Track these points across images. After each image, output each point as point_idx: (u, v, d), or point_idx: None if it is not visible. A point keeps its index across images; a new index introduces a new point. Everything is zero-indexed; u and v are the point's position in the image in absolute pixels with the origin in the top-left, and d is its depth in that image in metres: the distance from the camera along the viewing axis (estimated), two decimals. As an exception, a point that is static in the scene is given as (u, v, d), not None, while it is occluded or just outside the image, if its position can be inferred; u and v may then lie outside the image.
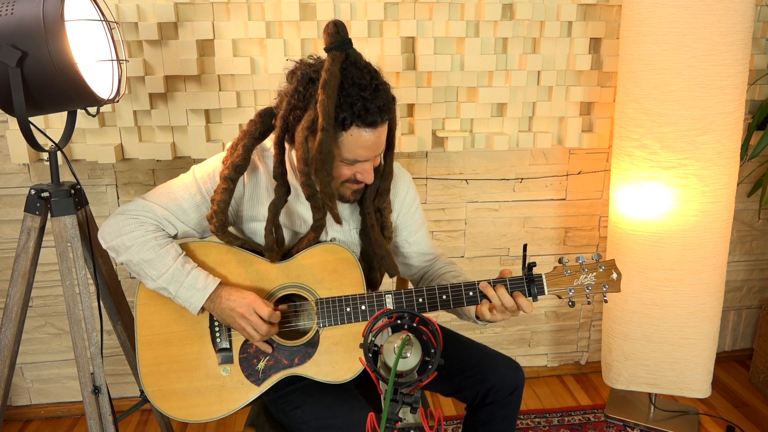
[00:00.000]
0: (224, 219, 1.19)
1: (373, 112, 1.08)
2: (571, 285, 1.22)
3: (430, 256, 1.43)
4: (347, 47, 1.09)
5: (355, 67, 1.09)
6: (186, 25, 1.69)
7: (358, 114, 1.07)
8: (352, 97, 1.07)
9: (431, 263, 1.43)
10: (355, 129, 1.09)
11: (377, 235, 1.27)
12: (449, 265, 1.41)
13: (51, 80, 1.11)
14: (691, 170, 1.69)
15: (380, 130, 1.12)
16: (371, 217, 1.26)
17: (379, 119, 1.09)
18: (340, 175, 1.17)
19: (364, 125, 1.09)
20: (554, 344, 2.30)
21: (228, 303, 1.17)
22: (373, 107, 1.08)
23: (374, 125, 1.10)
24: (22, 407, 2.07)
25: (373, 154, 1.15)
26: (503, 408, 1.31)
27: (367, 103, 1.07)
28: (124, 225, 1.18)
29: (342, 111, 1.07)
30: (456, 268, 1.40)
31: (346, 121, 1.08)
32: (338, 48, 1.08)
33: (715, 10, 1.57)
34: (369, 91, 1.08)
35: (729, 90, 1.64)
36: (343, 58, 1.08)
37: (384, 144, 1.17)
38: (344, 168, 1.16)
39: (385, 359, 0.81)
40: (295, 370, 1.22)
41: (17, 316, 1.33)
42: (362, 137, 1.10)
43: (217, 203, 1.18)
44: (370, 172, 1.17)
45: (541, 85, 1.90)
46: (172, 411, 1.21)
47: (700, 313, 1.81)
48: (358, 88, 1.07)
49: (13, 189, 1.86)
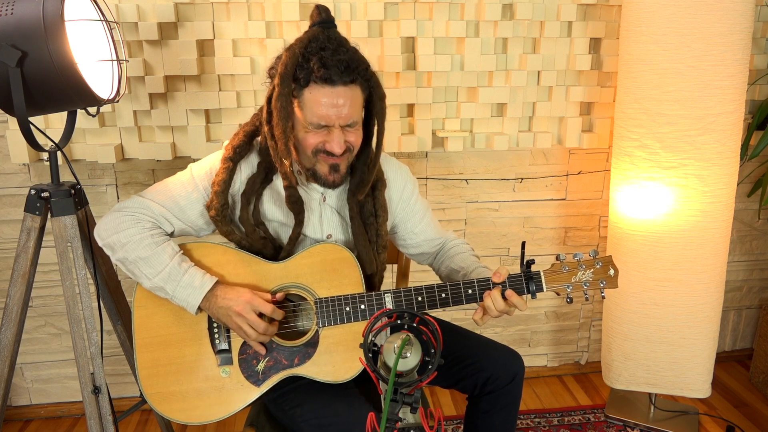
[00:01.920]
0: (224, 200, 1.19)
1: (330, 68, 1.07)
2: (569, 282, 1.22)
3: (439, 240, 1.44)
4: (327, 26, 1.12)
5: (327, 37, 1.10)
6: (186, 25, 1.69)
7: (313, 69, 1.08)
8: (312, 55, 1.08)
9: (441, 246, 1.44)
10: (313, 86, 1.10)
11: (358, 228, 1.26)
12: (459, 245, 1.42)
13: (51, 80, 1.10)
14: (691, 170, 1.69)
15: (341, 90, 1.10)
16: (352, 210, 1.26)
17: (337, 78, 1.08)
18: (308, 142, 1.16)
19: (321, 81, 1.08)
20: (554, 344, 2.30)
21: (224, 302, 1.16)
22: (330, 64, 1.07)
23: (332, 83, 1.09)
24: (22, 407, 2.07)
25: (334, 116, 1.11)
26: (503, 396, 1.31)
27: (325, 60, 1.07)
28: (120, 222, 1.18)
29: (301, 69, 1.09)
30: (466, 248, 1.41)
31: (303, 78, 1.09)
32: (317, 25, 1.12)
33: (715, 10, 1.57)
34: (329, 51, 1.08)
35: (729, 90, 1.64)
36: (318, 31, 1.11)
37: (351, 111, 1.12)
38: (311, 135, 1.15)
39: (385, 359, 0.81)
40: (295, 370, 1.22)
41: (17, 316, 1.33)
42: (320, 95, 1.10)
43: (218, 183, 1.19)
44: (336, 142, 1.13)
45: (541, 85, 1.90)
46: (171, 413, 1.20)
47: (700, 313, 1.81)
48: (321, 48, 1.08)
49: (13, 189, 1.86)
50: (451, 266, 1.36)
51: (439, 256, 1.43)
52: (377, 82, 1.18)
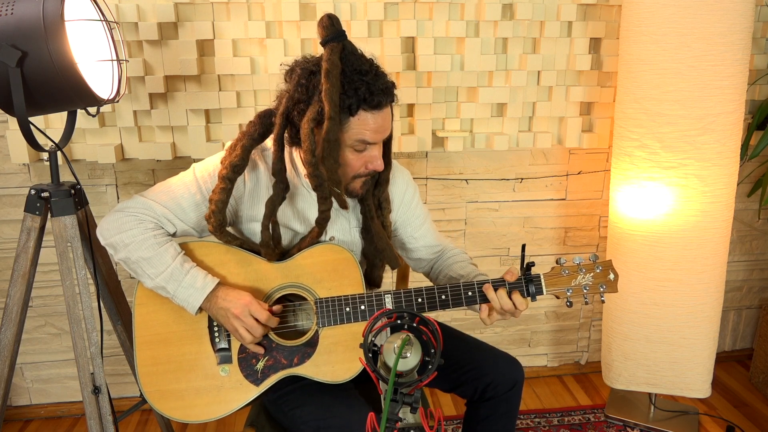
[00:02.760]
0: (222, 219, 1.19)
1: (378, 94, 1.11)
2: (568, 285, 1.22)
3: (438, 247, 1.44)
4: (343, 38, 1.12)
5: (354, 55, 1.12)
6: (186, 25, 1.69)
7: (363, 98, 1.10)
8: (355, 83, 1.09)
9: (440, 254, 1.44)
10: (362, 113, 1.12)
11: (378, 227, 1.28)
12: (458, 254, 1.42)
13: (51, 80, 1.10)
14: (691, 170, 1.69)
15: (385, 111, 1.15)
16: (371, 209, 1.27)
17: (383, 101, 1.12)
18: (350, 165, 1.17)
19: (370, 108, 1.11)
20: (554, 344, 2.30)
21: (223, 303, 1.17)
22: (376, 90, 1.10)
23: (379, 107, 1.12)
24: (22, 407, 2.07)
25: (381, 137, 1.17)
26: (503, 404, 1.31)
27: (371, 87, 1.10)
28: (123, 222, 1.18)
29: (348, 97, 1.10)
30: (465, 257, 1.41)
31: (353, 107, 1.10)
32: (334, 39, 1.11)
33: (715, 10, 1.57)
34: (371, 76, 1.11)
35: (729, 90, 1.64)
36: (340, 48, 1.11)
37: (390, 127, 1.19)
38: (353, 157, 1.16)
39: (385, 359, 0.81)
40: (294, 370, 1.22)
41: (17, 316, 1.33)
42: (369, 120, 1.12)
43: (215, 203, 1.18)
44: (378, 159, 1.18)
45: (541, 85, 1.90)
46: (170, 411, 1.20)
47: (700, 313, 1.81)
48: (360, 73, 1.10)
49: (13, 189, 1.86)
50: (450, 274, 1.36)
51: (437, 265, 1.43)
52: None
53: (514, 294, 1.19)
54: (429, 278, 1.46)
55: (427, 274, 1.47)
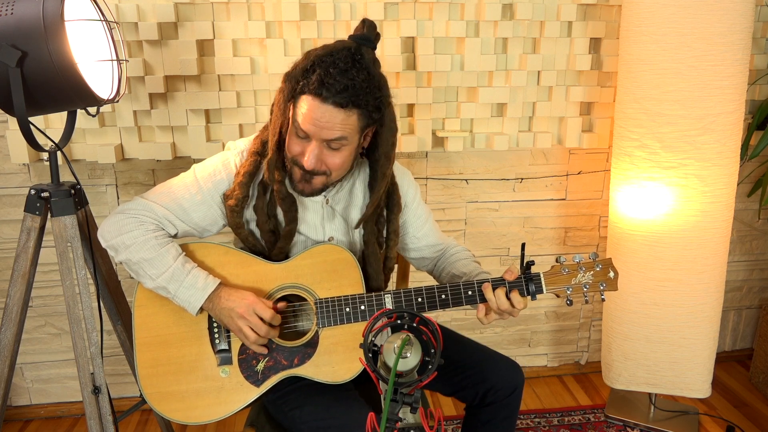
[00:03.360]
0: (246, 192, 1.20)
1: (327, 87, 1.07)
2: (568, 284, 1.22)
3: (440, 246, 1.44)
4: (363, 42, 1.11)
5: (351, 55, 1.09)
6: (186, 25, 1.69)
7: (312, 83, 1.08)
8: (318, 67, 1.08)
9: (442, 252, 1.44)
10: (305, 96, 1.10)
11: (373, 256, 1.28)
12: (461, 252, 1.42)
13: (51, 80, 1.10)
14: (691, 170, 1.69)
15: (329, 109, 1.08)
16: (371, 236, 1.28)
17: (329, 96, 1.07)
18: (289, 146, 1.17)
19: (312, 95, 1.08)
20: (554, 344, 2.30)
21: (227, 303, 1.17)
22: (329, 82, 1.07)
23: (323, 100, 1.08)
24: (22, 407, 2.07)
25: (314, 131, 1.11)
26: (503, 408, 1.31)
27: (325, 79, 1.07)
28: (124, 224, 1.18)
29: (304, 76, 1.09)
30: (468, 255, 1.41)
31: (303, 87, 1.10)
32: (356, 39, 1.11)
33: (715, 10, 1.57)
34: (337, 70, 1.07)
35: (729, 90, 1.64)
36: (349, 44, 1.11)
37: (333, 131, 1.10)
38: (293, 140, 1.15)
39: (385, 359, 0.81)
40: (294, 370, 1.22)
41: (17, 316, 1.33)
42: (306, 106, 1.10)
43: (243, 175, 1.19)
44: (308, 155, 1.13)
45: (541, 85, 1.90)
46: (170, 413, 1.20)
47: (700, 313, 1.81)
48: (332, 65, 1.08)
49: (13, 189, 1.86)
50: (453, 272, 1.35)
51: (440, 263, 1.43)
52: (390, 115, 1.17)
53: (512, 293, 1.18)
54: (433, 276, 1.46)
55: (431, 272, 1.47)
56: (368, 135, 1.20)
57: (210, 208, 1.23)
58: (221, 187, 1.23)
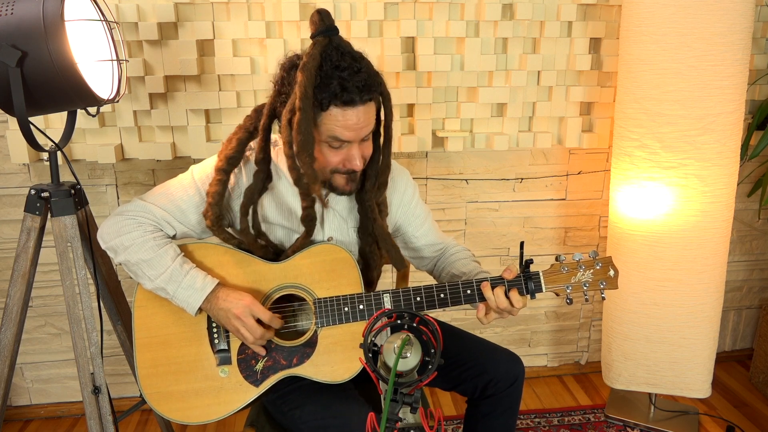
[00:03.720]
0: (219, 212, 1.19)
1: (351, 91, 1.07)
2: (568, 282, 1.21)
3: (440, 245, 1.43)
4: (331, 33, 1.10)
5: (337, 51, 1.09)
6: (186, 25, 1.69)
7: (335, 93, 1.07)
8: (329, 78, 1.07)
9: (442, 252, 1.43)
10: (333, 108, 1.09)
11: (379, 229, 1.26)
12: (461, 251, 1.41)
13: (51, 80, 1.10)
14: (691, 170, 1.69)
15: (360, 109, 1.10)
16: (374, 211, 1.25)
17: (357, 98, 1.08)
18: (327, 161, 1.16)
19: (342, 104, 1.08)
20: (554, 344, 2.29)
21: (224, 304, 1.17)
22: (351, 86, 1.07)
23: (352, 104, 1.08)
24: (22, 407, 2.07)
25: (355, 135, 1.12)
26: (503, 400, 1.31)
27: (345, 83, 1.07)
28: (122, 225, 1.18)
29: (320, 91, 1.08)
30: (467, 254, 1.40)
31: (324, 102, 1.08)
32: (321, 34, 1.10)
33: (714, 10, 1.57)
34: (348, 72, 1.07)
35: (729, 90, 1.64)
36: (325, 42, 1.09)
37: (368, 126, 1.14)
38: (330, 153, 1.15)
39: (385, 359, 0.81)
40: (293, 370, 1.22)
41: (17, 316, 1.33)
42: (341, 117, 1.09)
43: (212, 195, 1.18)
44: (356, 158, 1.14)
45: (541, 85, 1.90)
46: (170, 413, 1.20)
47: (700, 313, 1.81)
48: (338, 69, 1.07)
49: (13, 189, 1.86)
50: (452, 272, 1.35)
51: (440, 263, 1.42)
52: (385, 86, 1.17)
53: (511, 292, 1.18)
54: (433, 276, 1.46)
55: (431, 272, 1.46)
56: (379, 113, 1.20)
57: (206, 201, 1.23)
58: None
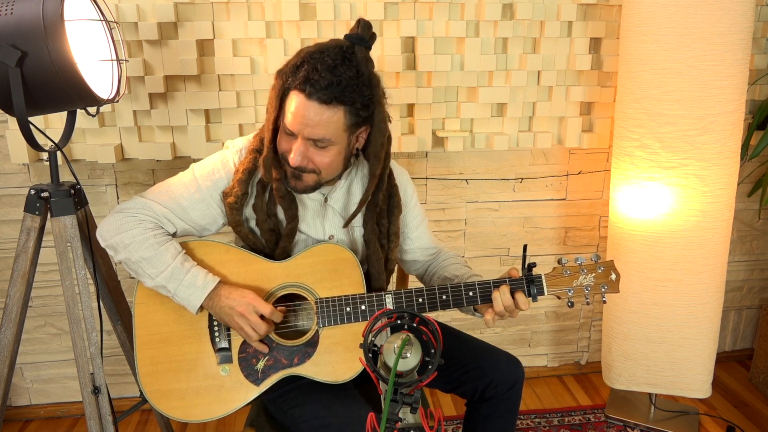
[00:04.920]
0: (245, 189, 1.20)
1: (312, 84, 1.07)
2: (570, 286, 1.22)
3: (433, 250, 1.43)
4: (356, 42, 1.11)
5: (341, 53, 1.09)
6: (186, 24, 1.68)
7: (299, 77, 1.08)
8: (307, 64, 1.08)
9: (434, 257, 1.43)
10: (292, 93, 1.10)
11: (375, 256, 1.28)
12: (453, 257, 1.42)
13: (51, 80, 1.10)
14: (691, 170, 1.69)
15: (313, 105, 1.08)
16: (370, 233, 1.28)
17: (313, 93, 1.07)
18: (280, 143, 1.17)
19: (298, 90, 1.09)
20: (554, 344, 2.29)
21: (227, 301, 1.17)
22: (315, 79, 1.06)
23: (308, 96, 1.08)
24: (21, 407, 2.07)
25: (298, 128, 1.11)
26: (503, 403, 1.31)
27: (313, 74, 1.07)
28: (122, 223, 1.18)
29: (293, 72, 1.10)
30: (460, 260, 1.40)
31: (291, 83, 1.10)
32: (349, 38, 1.12)
33: (715, 10, 1.57)
34: (324, 68, 1.07)
35: (729, 90, 1.64)
36: (343, 44, 1.11)
37: (319, 130, 1.10)
38: (282, 137, 1.16)
39: (385, 359, 0.81)
40: (294, 369, 1.22)
41: (17, 316, 1.33)
42: (294, 102, 1.10)
43: (243, 172, 1.20)
44: (294, 153, 1.13)
45: (541, 85, 1.90)
46: (170, 411, 1.20)
47: (701, 313, 1.81)
48: (320, 62, 1.08)
49: (13, 189, 1.86)
50: (445, 275, 1.35)
51: (432, 267, 1.42)
52: (380, 114, 1.15)
53: (517, 293, 1.19)
54: (422, 281, 1.45)
55: (421, 278, 1.46)
56: (362, 135, 1.19)
57: (209, 206, 1.23)
58: (220, 186, 1.23)
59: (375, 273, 1.30)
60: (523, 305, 1.18)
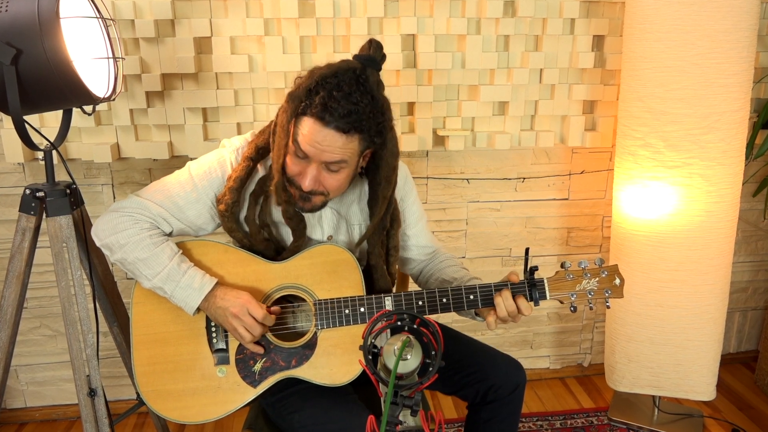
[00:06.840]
0: (237, 198, 1.19)
1: (329, 111, 1.06)
2: (573, 290, 1.21)
3: (430, 249, 1.42)
4: (367, 63, 1.11)
5: (356, 78, 1.08)
6: (183, 22, 1.67)
7: (315, 105, 1.07)
8: (322, 89, 1.07)
9: (431, 257, 1.42)
10: (307, 118, 1.09)
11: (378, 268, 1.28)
12: (450, 259, 1.40)
13: (46, 78, 1.09)
14: (696, 169, 1.68)
15: (329, 133, 1.07)
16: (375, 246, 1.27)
17: (331, 121, 1.06)
18: (288, 167, 1.15)
19: (314, 117, 1.07)
20: (557, 346, 2.28)
21: (222, 302, 1.16)
22: (331, 106, 1.06)
23: (326, 123, 1.07)
24: (16, 410, 2.05)
25: (314, 153, 1.10)
26: (505, 406, 1.30)
27: (329, 101, 1.06)
28: (118, 222, 1.17)
29: (307, 96, 1.08)
30: (457, 262, 1.39)
31: (305, 108, 1.08)
32: (359, 58, 1.11)
33: (719, 7, 1.56)
34: (340, 95, 1.06)
35: (734, 88, 1.63)
36: (354, 65, 1.10)
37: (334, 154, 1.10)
38: (292, 159, 1.14)
39: (385, 361, 0.80)
40: (291, 372, 1.20)
41: (12, 317, 1.32)
42: (308, 127, 1.09)
43: (234, 180, 1.18)
44: (307, 177, 1.12)
45: (544, 83, 1.88)
46: (166, 411, 1.19)
47: (705, 315, 1.79)
48: (336, 88, 1.06)
49: (8, 189, 1.85)
50: (442, 277, 1.34)
51: (428, 268, 1.41)
52: (393, 139, 1.16)
53: (518, 298, 1.17)
54: (417, 282, 1.44)
55: (416, 279, 1.45)
56: (367, 156, 1.19)
57: (205, 206, 1.22)
58: (216, 185, 1.22)
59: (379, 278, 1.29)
60: (525, 310, 1.17)
